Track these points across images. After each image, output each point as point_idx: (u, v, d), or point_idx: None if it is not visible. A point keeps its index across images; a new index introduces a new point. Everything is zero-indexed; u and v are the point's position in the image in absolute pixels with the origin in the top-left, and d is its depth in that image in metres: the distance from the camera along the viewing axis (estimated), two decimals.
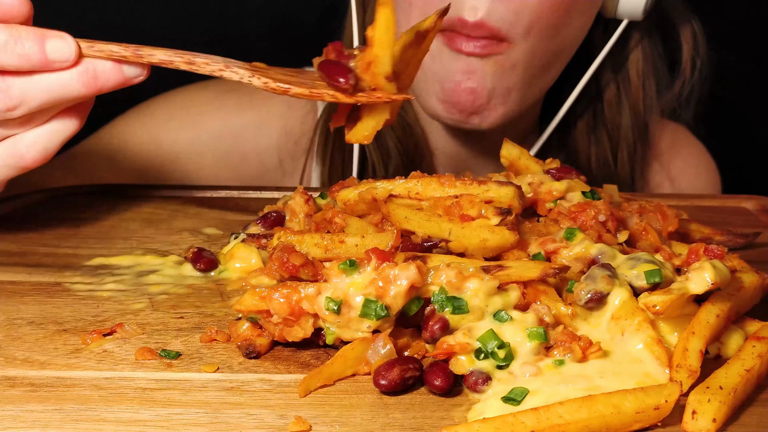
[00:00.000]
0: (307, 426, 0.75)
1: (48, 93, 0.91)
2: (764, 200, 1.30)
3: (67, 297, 0.97)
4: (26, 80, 0.90)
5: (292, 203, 1.07)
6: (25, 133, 0.94)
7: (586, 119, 1.56)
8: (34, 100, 0.91)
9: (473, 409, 0.78)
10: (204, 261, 1.03)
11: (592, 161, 1.56)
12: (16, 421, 0.75)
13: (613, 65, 1.53)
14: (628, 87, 1.54)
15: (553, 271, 0.85)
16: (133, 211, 1.22)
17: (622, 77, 1.54)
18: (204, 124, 1.55)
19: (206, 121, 1.55)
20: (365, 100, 0.93)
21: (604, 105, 1.55)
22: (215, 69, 0.92)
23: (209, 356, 0.85)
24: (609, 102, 1.55)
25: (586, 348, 0.80)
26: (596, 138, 1.56)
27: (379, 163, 1.53)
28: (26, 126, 0.94)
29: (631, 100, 1.54)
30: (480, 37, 1.30)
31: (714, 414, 0.74)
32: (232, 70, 0.92)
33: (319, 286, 0.83)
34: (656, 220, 1.02)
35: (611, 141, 1.56)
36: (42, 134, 0.94)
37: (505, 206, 0.93)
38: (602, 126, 1.56)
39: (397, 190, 0.97)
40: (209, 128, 1.55)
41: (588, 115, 1.56)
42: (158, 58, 0.91)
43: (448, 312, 0.82)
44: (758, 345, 0.83)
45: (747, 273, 0.93)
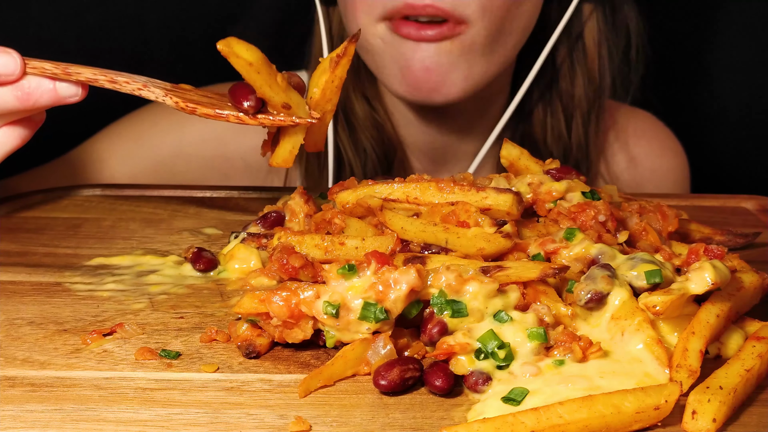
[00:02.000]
0: (307, 426, 0.75)
1: None
2: (764, 200, 1.30)
3: (67, 297, 0.97)
4: None
5: (292, 203, 1.07)
6: None
7: (541, 91, 1.57)
8: None
9: (473, 409, 0.78)
10: (204, 261, 1.03)
11: (547, 133, 1.57)
12: (16, 421, 0.75)
13: (568, 36, 1.54)
14: (583, 56, 1.55)
15: (553, 271, 0.85)
16: (133, 211, 1.22)
17: (576, 46, 1.55)
18: (188, 128, 1.56)
19: (190, 126, 1.56)
20: (268, 123, 0.96)
21: (559, 75, 1.56)
22: (134, 88, 0.95)
23: (209, 356, 0.86)
24: (563, 71, 1.56)
25: (586, 348, 0.81)
26: (551, 109, 1.57)
27: (356, 161, 1.55)
28: None
29: (587, 69, 1.55)
30: (433, 24, 1.32)
31: (714, 414, 0.74)
32: (149, 90, 0.95)
33: (318, 290, 0.83)
34: (656, 220, 1.02)
35: (565, 111, 1.57)
36: None
37: (503, 212, 0.94)
38: (557, 96, 1.57)
39: (395, 195, 0.97)
40: (193, 132, 1.57)
41: (543, 86, 1.57)
42: (84, 76, 0.94)
43: (447, 315, 0.82)
44: (758, 345, 0.83)
45: (747, 273, 0.93)
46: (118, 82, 0.95)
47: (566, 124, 1.57)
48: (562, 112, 1.57)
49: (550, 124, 1.57)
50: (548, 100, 1.57)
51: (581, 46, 1.55)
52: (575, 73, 1.55)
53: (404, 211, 0.97)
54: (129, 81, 0.95)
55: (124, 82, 0.95)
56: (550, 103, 1.57)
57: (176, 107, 0.96)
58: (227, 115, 0.96)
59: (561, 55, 1.55)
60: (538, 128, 1.57)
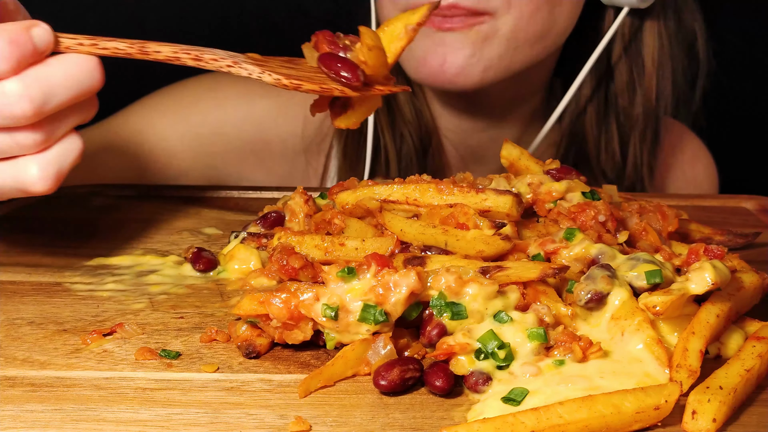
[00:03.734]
0: (307, 426, 0.75)
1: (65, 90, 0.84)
2: (764, 200, 1.30)
3: (67, 297, 0.97)
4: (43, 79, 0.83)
5: (292, 203, 1.07)
6: (36, 155, 0.86)
7: (597, 105, 1.56)
8: (54, 99, 0.84)
9: (473, 409, 0.78)
10: (203, 261, 1.03)
11: (601, 150, 1.57)
12: (16, 421, 0.75)
13: (628, 52, 1.53)
14: (642, 75, 1.54)
15: (553, 272, 0.85)
16: (133, 211, 1.23)
17: (636, 64, 1.54)
18: (230, 109, 1.56)
19: (232, 107, 1.55)
20: (370, 94, 0.95)
21: (616, 92, 1.55)
22: (223, 65, 0.91)
23: (209, 356, 0.85)
24: (621, 89, 1.55)
25: (586, 348, 0.81)
26: (606, 127, 1.57)
27: (392, 146, 1.55)
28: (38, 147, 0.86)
29: (645, 89, 1.54)
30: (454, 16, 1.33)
31: (714, 414, 0.74)
32: (240, 66, 0.92)
33: (318, 291, 0.83)
34: (656, 220, 1.02)
35: (621, 130, 1.56)
36: (54, 157, 0.87)
37: (503, 214, 0.94)
38: (613, 113, 1.56)
39: (395, 196, 0.97)
40: (237, 113, 1.56)
41: (599, 100, 1.56)
42: (164, 55, 0.89)
43: (447, 317, 0.82)
44: (758, 345, 0.83)
45: (747, 273, 0.93)
46: (203, 59, 0.91)
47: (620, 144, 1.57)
48: (617, 130, 1.56)
49: (604, 142, 1.57)
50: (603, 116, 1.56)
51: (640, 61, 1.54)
52: (634, 90, 1.55)
53: (404, 212, 0.97)
54: (216, 58, 0.91)
55: (211, 59, 0.91)
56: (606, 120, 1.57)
57: (277, 84, 0.93)
58: (332, 88, 0.94)
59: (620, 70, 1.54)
60: (592, 146, 1.57)
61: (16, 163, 0.86)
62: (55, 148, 0.87)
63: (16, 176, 0.86)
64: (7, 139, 0.84)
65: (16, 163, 0.86)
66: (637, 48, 1.53)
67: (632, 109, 1.55)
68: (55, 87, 0.84)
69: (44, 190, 0.87)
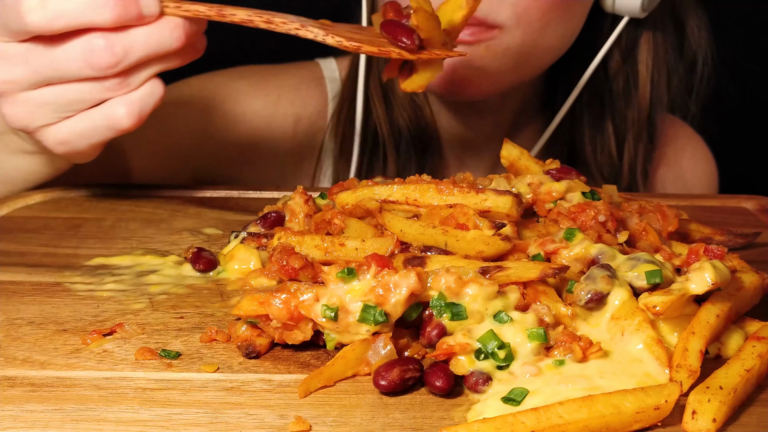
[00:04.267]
0: (307, 426, 0.75)
1: (146, 47, 0.98)
2: (764, 200, 1.30)
3: (67, 297, 0.97)
4: (126, 36, 0.97)
5: (292, 203, 1.07)
6: (122, 97, 1.01)
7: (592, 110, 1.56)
8: (134, 54, 0.98)
9: (473, 409, 0.78)
10: (203, 261, 1.03)
11: (597, 153, 1.57)
12: (16, 421, 0.75)
13: (624, 56, 1.53)
14: (637, 79, 1.54)
15: (553, 272, 0.85)
16: (133, 211, 1.22)
17: (632, 69, 1.54)
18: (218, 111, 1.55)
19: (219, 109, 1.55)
20: (426, 56, 1.04)
21: (612, 94, 1.55)
22: (291, 28, 1.00)
23: (209, 356, 0.85)
24: (617, 92, 1.55)
25: (586, 348, 0.81)
26: (601, 129, 1.57)
27: (390, 139, 1.54)
28: (124, 89, 1.00)
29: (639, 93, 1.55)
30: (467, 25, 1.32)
31: (714, 414, 0.74)
32: (307, 29, 1.00)
33: (317, 292, 0.83)
34: (656, 220, 1.02)
35: (617, 133, 1.56)
36: (137, 98, 1.01)
37: (503, 214, 0.94)
38: (609, 117, 1.56)
39: (395, 196, 0.97)
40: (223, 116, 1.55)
41: (595, 105, 1.56)
42: (239, 18, 0.98)
43: (447, 318, 0.82)
44: (758, 345, 0.83)
45: (747, 273, 0.93)
46: (274, 22, 0.98)
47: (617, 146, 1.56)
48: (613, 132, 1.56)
49: (600, 144, 1.56)
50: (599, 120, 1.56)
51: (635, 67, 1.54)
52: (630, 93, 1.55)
53: (403, 212, 0.97)
54: (286, 21, 0.99)
55: (281, 22, 0.99)
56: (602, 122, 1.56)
57: (339, 46, 1.01)
58: (390, 51, 1.02)
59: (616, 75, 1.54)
60: (589, 147, 1.57)
61: (105, 106, 1.02)
62: (139, 91, 1.01)
63: (106, 117, 1.02)
64: (96, 86, 1.00)
65: (105, 106, 1.01)
66: (634, 55, 1.53)
67: (628, 112, 1.55)
68: (135, 44, 0.98)
69: (130, 125, 1.02)
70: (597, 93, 1.55)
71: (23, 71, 1.00)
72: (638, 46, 1.53)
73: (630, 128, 1.56)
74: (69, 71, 0.99)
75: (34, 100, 1.02)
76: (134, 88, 1.01)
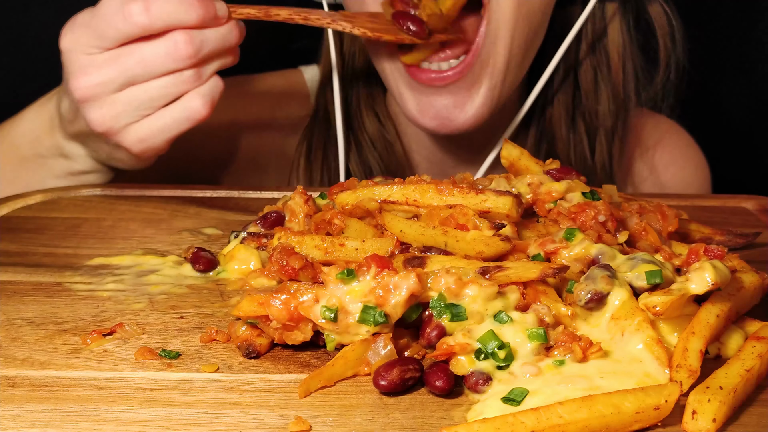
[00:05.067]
0: (307, 426, 0.75)
1: (215, 41, 1.16)
2: (764, 200, 1.30)
3: (67, 297, 0.97)
4: (200, 32, 1.14)
5: (292, 203, 1.07)
6: (195, 90, 1.16)
7: (564, 106, 1.53)
8: (207, 46, 1.15)
9: (473, 409, 0.78)
10: (203, 261, 1.03)
11: (570, 150, 1.55)
12: (16, 421, 0.75)
13: (592, 49, 1.51)
14: (607, 72, 1.51)
15: (553, 271, 0.85)
16: (133, 211, 1.22)
17: (600, 62, 1.51)
18: None
19: None
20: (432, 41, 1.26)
21: (581, 91, 1.53)
22: (325, 23, 1.18)
23: (209, 356, 0.85)
24: (587, 88, 1.52)
25: (586, 348, 0.80)
26: (574, 126, 1.54)
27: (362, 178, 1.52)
28: (197, 81, 1.16)
29: (611, 86, 1.52)
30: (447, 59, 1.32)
31: (714, 414, 0.74)
32: (337, 23, 1.19)
33: (317, 293, 0.83)
34: (656, 220, 1.02)
35: (589, 129, 1.54)
36: (208, 89, 1.17)
37: (503, 215, 0.94)
38: (579, 113, 1.53)
39: (395, 197, 0.97)
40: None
41: (566, 101, 1.53)
42: (282, 16, 1.16)
43: (446, 319, 0.82)
44: (758, 345, 0.83)
45: (747, 273, 0.93)
46: (311, 18, 1.16)
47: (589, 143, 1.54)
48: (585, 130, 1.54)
49: (573, 143, 1.54)
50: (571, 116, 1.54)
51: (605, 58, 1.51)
52: (599, 88, 1.52)
53: (403, 213, 0.97)
54: (320, 17, 1.17)
55: (316, 18, 1.16)
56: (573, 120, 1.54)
57: (364, 36, 1.21)
58: (403, 38, 1.23)
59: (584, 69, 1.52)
60: (562, 147, 1.54)
61: (183, 100, 1.17)
62: (208, 83, 1.18)
63: (185, 109, 1.17)
64: (175, 80, 1.15)
65: (183, 99, 1.17)
66: (603, 44, 1.50)
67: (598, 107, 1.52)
68: (208, 38, 1.15)
69: (206, 113, 1.18)
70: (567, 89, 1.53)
71: (112, 73, 1.14)
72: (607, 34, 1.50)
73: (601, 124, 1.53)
74: (155, 66, 1.13)
75: (120, 101, 1.15)
76: (204, 80, 1.16)
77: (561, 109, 1.54)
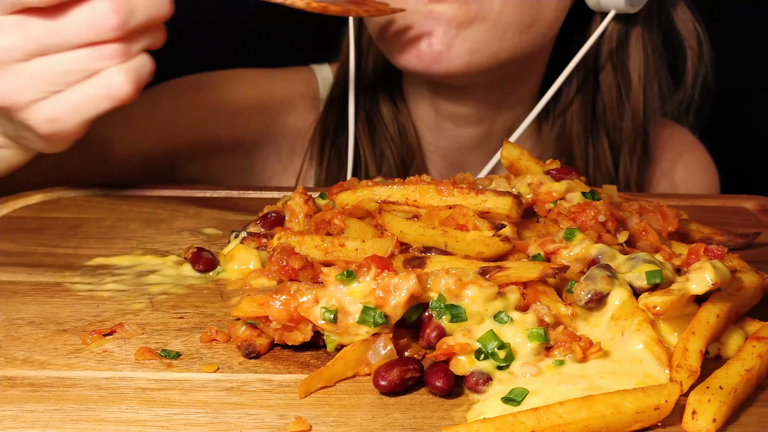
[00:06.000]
0: (307, 426, 0.75)
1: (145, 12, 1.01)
2: (764, 200, 1.30)
3: (67, 297, 0.97)
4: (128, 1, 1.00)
5: (292, 203, 1.07)
6: (119, 66, 1.01)
7: (581, 121, 1.54)
8: (135, 17, 1.00)
9: (473, 409, 0.78)
10: (203, 261, 1.03)
11: (590, 164, 1.55)
12: (16, 421, 0.75)
13: (614, 65, 1.51)
14: (629, 89, 1.52)
15: (553, 271, 0.85)
16: (133, 211, 1.22)
17: (624, 79, 1.52)
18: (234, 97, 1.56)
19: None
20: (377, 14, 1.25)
21: (606, 107, 1.53)
22: None
23: (209, 356, 0.85)
24: (610, 104, 1.52)
25: (586, 348, 0.80)
26: (594, 140, 1.55)
27: (373, 163, 1.54)
28: (122, 57, 1.01)
29: (632, 103, 1.52)
30: None
31: (714, 414, 0.74)
32: None
33: (317, 294, 0.82)
34: (656, 220, 1.02)
35: (612, 145, 1.54)
36: (134, 65, 1.02)
37: (503, 215, 0.94)
38: (602, 129, 1.54)
39: (395, 197, 0.97)
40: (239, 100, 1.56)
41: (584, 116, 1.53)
42: None
43: (446, 320, 0.82)
44: (758, 345, 0.83)
45: (747, 273, 0.93)
46: None
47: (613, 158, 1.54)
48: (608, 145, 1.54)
49: (592, 156, 1.54)
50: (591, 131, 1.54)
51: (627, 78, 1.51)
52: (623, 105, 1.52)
53: (403, 213, 0.97)
54: None
55: None
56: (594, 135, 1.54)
57: (307, 8, 1.12)
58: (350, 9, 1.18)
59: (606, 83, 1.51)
60: (580, 161, 1.54)
61: (102, 76, 1.01)
62: (134, 60, 1.03)
63: (103, 85, 1.01)
64: (93, 53, 1.00)
65: (102, 75, 1.01)
66: (623, 60, 1.50)
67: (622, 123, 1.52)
68: (137, 7, 1.00)
69: (130, 93, 1.03)
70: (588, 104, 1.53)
71: (17, 40, 0.99)
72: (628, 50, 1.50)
73: (626, 140, 1.53)
74: (70, 36, 0.99)
75: (25, 72, 1.00)
76: (131, 57, 1.02)
77: (579, 125, 1.54)
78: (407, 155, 1.54)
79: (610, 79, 1.52)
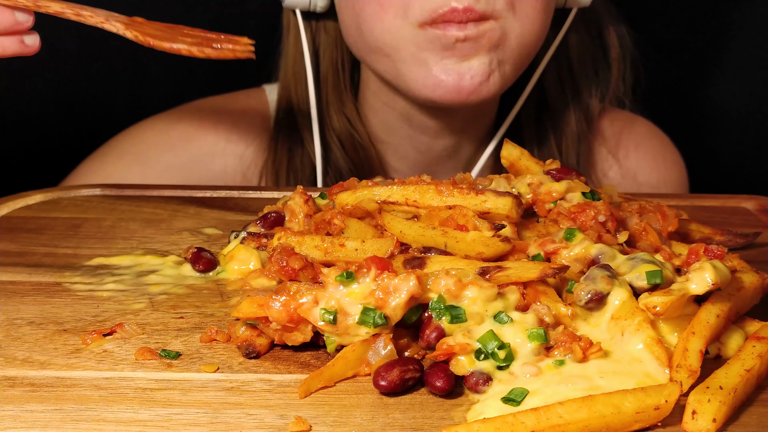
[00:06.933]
0: (307, 426, 0.75)
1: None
2: (764, 200, 1.30)
3: (67, 297, 0.97)
4: None
5: (292, 203, 1.07)
6: None
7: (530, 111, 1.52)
8: None
9: (473, 409, 0.78)
10: (203, 262, 1.03)
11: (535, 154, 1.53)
12: (16, 421, 0.75)
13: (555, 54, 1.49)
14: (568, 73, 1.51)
15: (553, 271, 0.85)
16: (133, 211, 1.22)
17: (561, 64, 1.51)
18: (152, 159, 1.53)
19: (154, 156, 1.52)
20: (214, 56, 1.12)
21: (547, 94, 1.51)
22: (97, 21, 1.07)
23: (209, 356, 0.86)
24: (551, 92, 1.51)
25: (586, 348, 0.81)
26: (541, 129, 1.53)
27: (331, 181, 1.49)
28: None
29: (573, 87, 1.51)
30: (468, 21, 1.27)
31: (714, 414, 0.74)
32: (110, 23, 1.08)
33: (317, 295, 0.82)
34: (656, 220, 1.02)
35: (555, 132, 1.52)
36: None
37: (503, 216, 0.94)
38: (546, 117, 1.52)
39: (395, 197, 0.97)
40: (158, 163, 1.52)
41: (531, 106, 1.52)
42: (53, 9, 1.05)
43: (446, 321, 0.82)
44: (758, 345, 0.83)
45: (747, 273, 0.93)
46: (83, 15, 1.06)
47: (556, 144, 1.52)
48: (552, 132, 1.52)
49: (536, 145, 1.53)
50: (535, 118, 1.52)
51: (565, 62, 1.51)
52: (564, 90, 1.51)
53: (403, 213, 0.97)
54: (93, 15, 1.07)
55: (89, 15, 1.07)
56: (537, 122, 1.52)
57: (135, 40, 1.09)
58: (179, 48, 1.09)
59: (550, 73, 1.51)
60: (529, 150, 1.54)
61: None
62: None
63: None
64: None
65: None
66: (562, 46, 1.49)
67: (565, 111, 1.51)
68: None
69: None
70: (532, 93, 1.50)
71: None
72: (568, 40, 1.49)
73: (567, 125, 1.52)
74: None
75: None
76: None
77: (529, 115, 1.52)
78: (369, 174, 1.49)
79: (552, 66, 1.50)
